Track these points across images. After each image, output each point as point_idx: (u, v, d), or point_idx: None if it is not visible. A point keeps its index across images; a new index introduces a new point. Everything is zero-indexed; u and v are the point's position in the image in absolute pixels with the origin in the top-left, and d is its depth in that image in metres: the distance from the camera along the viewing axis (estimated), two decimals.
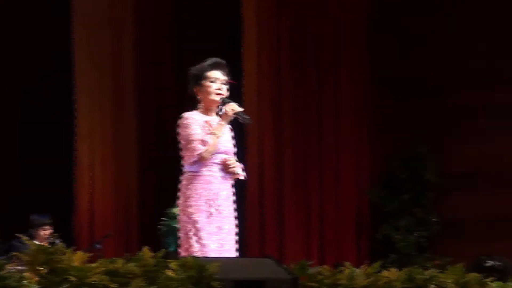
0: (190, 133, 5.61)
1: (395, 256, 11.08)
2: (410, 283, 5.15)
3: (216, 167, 5.64)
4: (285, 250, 10.89)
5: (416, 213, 11.26)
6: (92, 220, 10.29)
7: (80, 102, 10.44)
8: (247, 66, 10.90)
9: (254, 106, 10.84)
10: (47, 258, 4.16)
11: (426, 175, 11.26)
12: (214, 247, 5.55)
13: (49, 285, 4.13)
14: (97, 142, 10.50)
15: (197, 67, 5.75)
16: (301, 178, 11.21)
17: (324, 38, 11.43)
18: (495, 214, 11.06)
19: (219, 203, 5.61)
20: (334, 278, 4.96)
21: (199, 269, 4.43)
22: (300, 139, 11.26)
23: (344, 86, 11.49)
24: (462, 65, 11.37)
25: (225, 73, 5.74)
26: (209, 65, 5.71)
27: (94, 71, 10.56)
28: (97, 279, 4.21)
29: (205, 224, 5.56)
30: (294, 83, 11.28)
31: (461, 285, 5.34)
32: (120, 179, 10.72)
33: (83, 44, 10.48)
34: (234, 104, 5.65)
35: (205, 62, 5.74)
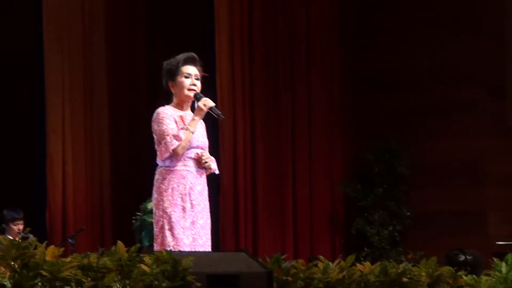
0: (164, 128, 5.61)
1: (369, 250, 11.13)
2: (384, 276, 5.17)
3: (190, 161, 5.64)
4: (259, 244, 10.90)
5: (390, 207, 11.32)
6: (64, 215, 10.22)
7: (50, 97, 10.35)
8: (220, 61, 10.88)
9: (227, 101, 10.83)
10: (19, 253, 4.14)
11: (399, 169, 11.31)
12: (188, 241, 5.55)
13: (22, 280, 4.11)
14: (68, 137, 10.43)
15: (170, 61, 5.75)
16: (275, 173, 11.22)
17: (297, 33, 11.44)
18: (466, 208, 11.13)
19: (193, 197, 5.62)
20: (308, 272, 4.97)
21: (173, 264, 4.42)
22: (274, 134, 11.27)
23: (317, 81, 11.51)
24: (435, 61, 11.43)
25: (198, 68, 5.74)
26: (182, 60, 5.71)
27: (65, 66, 10.47)
28: (70, 274, 4.19)
29: (179, 219, 5.56)
30: (267, 79, 11.28)
31: (434, 279, 5.36)
32: (93, 174, 10.67)
33: (54, 38, 10.39)
34: (207, 99, 5.66)
35: (179, 56, 5.74)
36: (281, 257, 5.02)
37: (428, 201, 11.34)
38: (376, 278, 5.15)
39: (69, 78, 10.50)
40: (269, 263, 4.94)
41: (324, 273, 5.01)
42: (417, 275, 5.31)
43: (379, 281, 5.15)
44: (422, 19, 11.53)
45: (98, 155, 10.76)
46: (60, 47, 10.44)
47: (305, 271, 4.98)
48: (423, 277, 5.34)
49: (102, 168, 10.78)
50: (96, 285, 4.23)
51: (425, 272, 5.36)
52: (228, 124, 10.78)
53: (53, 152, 10.29)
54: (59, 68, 10.42)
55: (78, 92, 10.61)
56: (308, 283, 4.97)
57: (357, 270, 5.13)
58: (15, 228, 9.13)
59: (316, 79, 11.52)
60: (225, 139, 10.84)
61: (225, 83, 10.91)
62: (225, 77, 10.91)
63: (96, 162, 10.72)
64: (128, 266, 4.35)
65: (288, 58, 11.41)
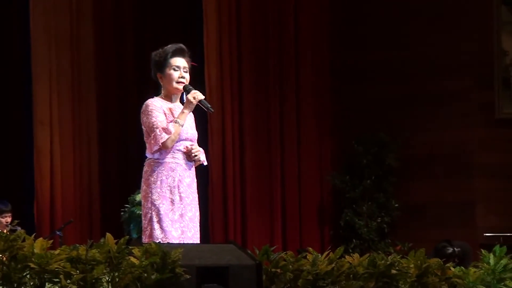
0: (153, 120, 5.58)
1: (357, 242, 11.15)
2: (372, 268, 5.18)
3: (179, 154, 5.62)
4: (247, 236, 10.91)
5: (378, 199, 11.33)
6: (52, 207, 10.19)
7: (38, 87, 10.29)
8: (208, 52, 10.85)
9: (215, 93, 10.81)
10: (8, 246, 4.12)
11: (388, 161, 11.32)
12: (177, 234, 5.54)
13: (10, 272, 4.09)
14: (56, 128, 10.38)
15: (159, 52, 5.71)
16: (264, 165, 11.22)
17: (285, 25, 11.43)
18: (455, 199, 11.16)
19: (182, 190, 5.60)
20: (297, 264, 4.98)
21: (162, 256, 4.42)
22: (262, 126, 11.27)
23: (304, 73, 11.51)
24: (423, 52, 11.43)
25: (187, 59, 5.72)
26: (171, 52, 5.68)
27: (52, 56, 10.41)
28: (59, 266, 4.18)
29: (168, 211, 5.55)
30: (255, 71, 11.28)
31: (422, 270, 5.37)
32: (81, 166, 10.63)
33: (41, 29, 10.34)
34: (197, 92, 5.64)
35: (167, 48, 5.70)
36: (270, 249, 5.02)
37: (416, 192, 11.36)
38: (365, 270, 5.16)
39: (56, 69, 10.45)
40: (258, 255, 4.95)
41: (313, 265, 5.02)
42: (405, 267, 5.32)
43: (368, 273, 5.16)
44: (409, 10, 11.53)
45: (86, 146, 10.73)
46: (47, 37, 10.39)
47: (294, 263, 4.99)
48: (411, 268, 5.35)
49: (90, 160, 10.75)
50: (85, 278, 4.22)
51: (413, 264, 5.37)
52: (217, 116, 10.76)
53: (40, 143, 10.24)
54: (46, 59, 10.36)
55: (66, 83, 10.56)
56: (297, 275, 4.98)
57: (346, 262, 5.14)
58: (3, 220, 9.10)
59: (305, 71, 11.52)
60: (214, 131, 10.82)
61: (214, 75, 10.90)
62: (213, 69, 10.89)
63: (84, 154, 10.69)
64: (117, 259, 4.35)
65: (277, 50, 11.40)
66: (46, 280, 4.17)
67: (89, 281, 4.23)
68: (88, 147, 10.74)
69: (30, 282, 4.15)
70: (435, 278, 5.39)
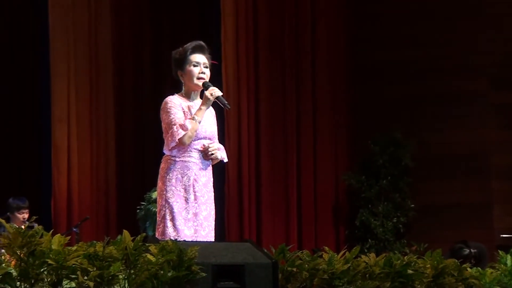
0: (171, 117, 5.58)
1: (373, 242, 11.13)
2: (389, 268, 5.17)
3: (196, 153, 5.61)
4: (263, 235, 10.91)
5: (394, 199, 11.31)
6: (70, 203, 10.23)
7: (56, 85, 10.34)
8: (225, 49, 10.86)
9: (232, 91, 10.82)
10: (26, 241, 4.13)
11: (404, 161, 11.30)
12: (189, 233, 5.52)
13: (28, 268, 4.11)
14: (74, 125, 10.42)
15: (179, 50, 5.71)
16: (280, 163, 11.22)
17: (302, 24, 11.43)
18: (471, 200, 11.13)
19: (197, 189, 5.58)
20: (313, 263, 4.97)
21: (178, 253, 4.42)
22: (278, 125, 11.27)
23: (322, 72, 11.50)
24: (439, 52, 11.41)
25: (207, 56, 5.71)
26: (190, 48, 5.68)
27: (71, 54, 10.46)
28: (76, 262, 4.19)
29: (181, 210, 5.54)
30: (272, 69, 11.28)
31: (439, 271, 5.36)
32: (98, 163, 10.66)
33: (59, 26, 10.38)
34: (215, 88, 5.62)
35: (187, 45, 5.70)
36: (286, 248, 5.02)
37: (432, 193, 11.33)
38: (381, 269, 5.15)
39: (74, 66, 10.50)
40: (274, 254, 4.94)
41: (329, 264, 5.01)
42: (422, 267, 5.31)
43: (384, 273, 5.15)
44: (426, 10, 11.52)
45: (104, 143, 10.76)
46: (65, 34, 10.43)
47: (310, 262, 4.98)
48: (428, 269, 5.34)
49: (108, 157, 10.78)
50: (101, 274, 4.22)
51: (430, 264, 5.36)
52: (233, 114, 10.77)
53: (58, 140, 10.28)
54: (64, 56, 10.41)
55: (84, 81, 10.60)
56: (313, 274, 4.97)
57: (362, 261, 5.13)
58: (20, 216, 9.12)
59: (322, 70, 11.51)
60: (230, 129, 10.83)
61: (231, 73, 10.90)
62: (230, 67, 10.89)
63: (102, 151, 10.72)
64: (133, 256, 4.35)
65: (293, 49, 11.39)
66: (64, 277, 4.18)
67: (106, 277, 4.23)
68: (105, 144, 10.77)
69: (48, 278, 4.15)
70: (452, 278, 5.38)
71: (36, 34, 11.06)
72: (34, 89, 11.14)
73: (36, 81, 11.10)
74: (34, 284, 4.13)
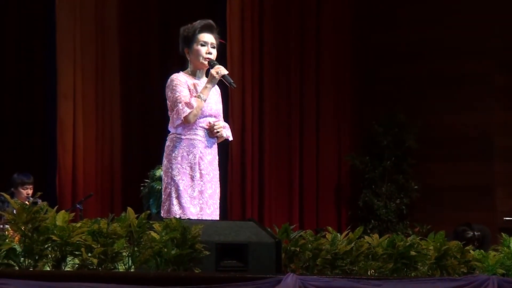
0: (177, 95, 5.58)
1: (376, 223, 11.15)
2: (392, 249, 5.17)
3: (201, 130, 5.62)
4: (265, 214, 10.93)
5: (397, 180, 11.31)
6: (74, 180, 10.24)
7: (61, 61, 10.33)
8: (231, 29, 10.84)
9: (237, 71, 10.79)
10: (30, 217, 4.14)
11: (408, 142, 11.29)
12: (195, 211, 5.54)
13: (32, 244, 4.12)
14: (79, 102, 10.42)
15: (187, 27, 5.70)
16: (283, 143, 11.22)
17: (306, 4, 11.40)
18: (474, 182, 11.13)
19: (203, 167, 5.59)
20: (316, 242, 4.98)
21: (182, 231, 4.43)
22: (282, 105, 11.26)
23: (325, 53, 11.48)
24: (444, 33, 11.37)
25: (215, 35, 5.70)
26: (199, 27, 5.67)
27: (76, 30, 10.44)
28: (80, 239, 4.20)
29: (187, 188, 5.55)
30: (277, 48, 11.26)
31: (441, 253, 5.36)
32: (103, 139, 10.67)
33: (65, 3, 10.35)
34: (221, 67, 5.63)
35: (196, 23, 5.69)
36: (289, 227, 5.02)
37: (435, 175, 11.34)
38: (384, 250, 5.15)
39: (80, 42, 10.48)
40: (277, 233, 4.95)
41: (332, 244, 5.01)
42: (425, 249, 5.31)
43: (387, 254, 5.15)
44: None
45: (109, 120, 10.77)
46: (72, 11, 10.40)
47: (313, 242, 4.98)
48: (430, 250, 5.34)
49: (113, 134, 10.79)
50: (105, 251, 4.24)
51: (433, 246, 5.36)
52: (238, 93, 10.76)
53: (63, 117, 10.29)
54: (70, 33, 10.38)
55: (90, 57, 10.59)
56: (316, 254, 4.98)
57: (365, 242, 5.13)
58: (24, 192, 9.14)
59: (326, 51, 11.50)
60: (234, 108, 10.83)
61: (236, 52, 10.89)
62: (235, 46, 10.88)
63: (107, 128, 10.73)
64: (137, 233, 4.37)
65: (298, 28, 11.37)
66: (68, 253, 4.19)
67: (110, 254, 4.25)
68: (110, 120, 10.78)
69: (52, 255, 4.17)
70: (454, 260, 5.38)
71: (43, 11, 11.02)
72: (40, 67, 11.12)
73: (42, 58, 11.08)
74: (38, 260, 4.14)
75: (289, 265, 4.91)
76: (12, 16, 11.11)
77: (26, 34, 11.10)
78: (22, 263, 4.14)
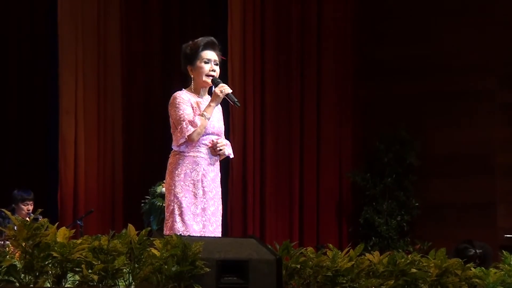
0: (180, 113, 5.58)
1: (377, 239, 11.13)
2: (392, 266, 5.16)
3: (204, 148, 5.62)
4: (266, 231, 10.91)
5: (398, 197, 11.30)
6: (76, 196, 10.25)
7: (64, 77, 10.36)
8: (232, 46, 10.86)
9: (238, 87, 10.81)
10: (31, 234, 4.14)
11: (409, 159, 11.29)
12: (198, 228, 5.54)
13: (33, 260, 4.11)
14: (81, 117, 10.44)
15: (190, 45, 5.70)
16: (284, 160, 11.22)
17: (308, 20, 11.42)
18: (475, 199, 11.12)
19: (205, 184, 5.59)
20: (317, 260, 4.97)
21: (183, 248, 4.42)
22: (283, 121, 11.27)
23: (328, 68, 11.50)
24: (445, 50, 11.39)
25: (217, 52, 5.71)
26: (203, 45, 5.67)
27: (79, 46, 10.48)
28: (81, 256, 4.20)
29: (190, 205, 5.55)
30: (278, 64, 11.29)
31: (443, 270, 5.36)
32: (105, 155, 10.69)
33: (68, 19, 10.39)
34: (224, 85, 5.62)
35: (198, 40, 5.69)
36: (290, 244, 5.02)
37: (436, 192, 11.33)
38: (385, 268, 5.15)
39: (82, 58, 10.51)
40: (278, 250, 4.94)
41: (333, 261, 5.01)
42: (426, 266, 5.30)
43: (387, 271, 5.15)
44: (433, 7, 11.50)
45: (111, 136, 10.78)
46: (74, 27, 10.45)
47: (314, 259, 4.98)
48: (431, 268, 5.33)
49: (115, 150, 10.81)
50: (106, 268, 4.23)
51: (433, 263, 5.35)
52: (239, 110, 10.77)
53: (65, 132, 10.31)
54: (73, 49, 10.42)
55: (92, 73, 10.62)
56: (317, 271, 4.97)
57: (366, 259, 5.13)
58: (25, 208, 9.14)
59: (328, 66, 11.51)
60: (236, 124, 10.84)
61: (237, 68, 10.91)
62: (236, 62, 10.90)
63: (109, 144, 10.75)
64: (138, 250, 4.36)
65: (299, 43, 11.40)
66: (68, 269, 4.19)
67: (110, 271, 4.24)
68: (112, 136, 10.80)
69: (52, 271, 4.16)
70: (455, 278, 5.37)
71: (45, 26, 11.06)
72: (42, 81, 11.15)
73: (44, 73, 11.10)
74: (39, 276, 4.14)
75: (289, 282, 4.91)
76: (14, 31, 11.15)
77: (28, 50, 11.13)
78: (23, 279, 4.13)
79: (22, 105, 11.14)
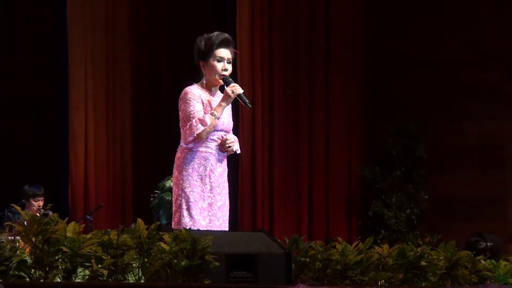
0: (190, 109, 5.56)
1: (386, 233, 11.13)
2: (402, 259, 5.16)
3: (213, 144, 5.61)
4: (275, 225, 10.93)
5: (407, 190, 11.29)
6: (86, 191, 10.28)
7: (73, 73, 10.39)
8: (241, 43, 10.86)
9: (246, 83, 10.81)
10: (41, 229, 4.15)
11: (418, 152, 11.28)
12: (205, 223, 5.55)
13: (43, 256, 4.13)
14: (91, 113, 10.47)
15: (205, 40, 5.64)
16: (292, 154, 11.23)
17: (317, 12, 11.41)
18: (485, 192, 11.10)
19: (213, 179, 5.60)
20: (327, 253, 4.97)
21: (192, 242, 4.43)
22: (292, 116, 11.27)
23: (335, 63, 11.48)
24: (456, 43, 11.37)
25: (231, 50, 5.67)
26: (217, 43, 5.61)
27: (88, 42, 10.50)
28: (90, 250, 4.21)
29: (197, 200, 5.56)
30: (286, 59, 11.28)
31: (452, 263, 5.36)
32: (115, 150, 10.72)
33: (77, 13, 10.41)
34: (236, 85, 5.58)
35: (213, 37, 5.62)
36: (299, 238, 5.02)
37: (446, 184, 11.32)
38: (394, 261, 5.15)
39: (91, 54, 10.54)
40: (287, 244, 4.95)
41: (343, 255, 5.01)
42: (435, 259, 5.30)
43: (397, 264, 5.15)
44: (443, 0, 11.46)
45: (120, 131, 10.81)
46: (83, 23, 10.47)
47: (323, 252, 4.98)
48: (441, 261, 5.33)
49: (124, 145, 10.84)
50: (115, 262, 4.25)
51: (443, 256, 5.35)
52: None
53: (75, 128, 10.34)
54: (82, 44, 10.45)
55: (101, 68, 10.64)
56: (326, 265, 4.98)
57: (375, 252, 5.13)
58: (35, 204, 9.17)
59: (336, 60, 11.50)
60: (244, 119, 10.84)
61: (245, 65, 10.91)
62: (245, 59, 10.90)
63: (118, 139, 10.77)
64: (147, 244, 4.37)
65: (307, 38, 11.39)
66: (78, 264, 4.20)
67: (120, 266, 4.25)
68: (121, 132, 10.83)
69: (62, 266, 4.17)
70: (465, 270, 5.37)
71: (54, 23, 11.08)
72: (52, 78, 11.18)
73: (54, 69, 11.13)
74: (49, 271, 4.15)
75: (299, 276, 4.91)
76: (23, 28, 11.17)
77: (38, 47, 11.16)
78: (33, 274, 4.15)
79: (32, 101, 11.17)
